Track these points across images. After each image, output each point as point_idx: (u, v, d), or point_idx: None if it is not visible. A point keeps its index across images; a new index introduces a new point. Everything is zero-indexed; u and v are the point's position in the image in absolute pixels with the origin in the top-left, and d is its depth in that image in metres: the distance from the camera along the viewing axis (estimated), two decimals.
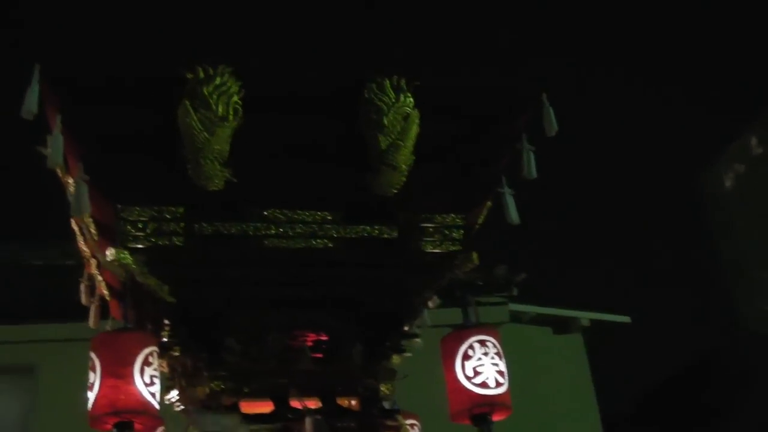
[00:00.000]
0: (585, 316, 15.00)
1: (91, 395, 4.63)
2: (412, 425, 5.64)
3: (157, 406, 4.73)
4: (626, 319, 15.61)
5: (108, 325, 6.53)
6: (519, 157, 5.04)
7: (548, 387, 13.88)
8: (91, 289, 6.44)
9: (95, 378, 4.62)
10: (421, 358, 5.73)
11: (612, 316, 15.48)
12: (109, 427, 4.61)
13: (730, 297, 29.37)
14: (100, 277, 6.05)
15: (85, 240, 5.96)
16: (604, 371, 15.77)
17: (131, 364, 4.55)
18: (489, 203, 5.27)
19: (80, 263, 7.08)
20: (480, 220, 5.36)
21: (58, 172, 5.25)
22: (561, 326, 14.75)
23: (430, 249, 5.14)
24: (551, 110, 4.91)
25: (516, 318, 14.11)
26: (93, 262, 6.00)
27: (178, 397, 5.43)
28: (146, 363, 4.61)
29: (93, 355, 4.69)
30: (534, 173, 4.94)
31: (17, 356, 12.26)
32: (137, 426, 4.60)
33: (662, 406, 20.93)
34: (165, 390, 5.30)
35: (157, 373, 4.73)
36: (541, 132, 5.00)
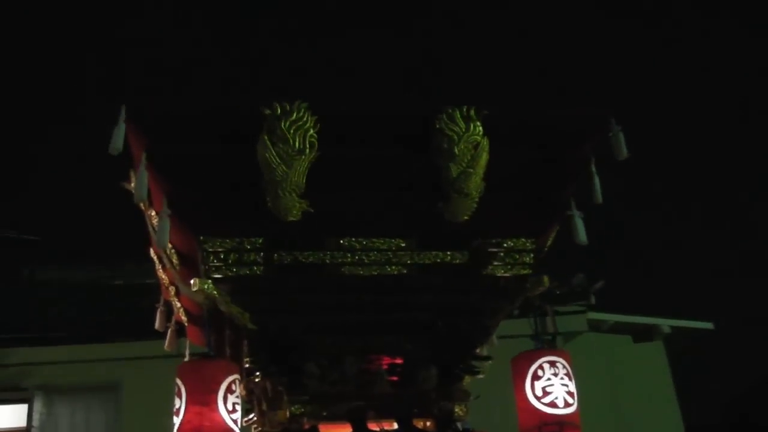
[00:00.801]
0: (666, 323, 14.66)
1: (177, 420, 4.81)
2: None
3: (238, 431, 4.93)
4: (709, 325, 15.21)
5: (186, 349, 6.83)
6: (587, 179, 5.15)
7: (629, 396, 13.64)
8: (167, 314, 6.72)
9: (181, 404, 4.80)
10: (492, 375, 5.85)
11: (694, 323, 15.12)
12: None
13: None
14: (178, 304, 6.33)
15: (163, 268, 6.19)
16: (687, 380, 15.36)
17: (215, 391, 4.73)
18: (557, 226, 5.39)
19: (158, 284, 7.37)
20: (549, 242, 5.46)
21: (142, 206, 5.51)
22: (641, 334, 14.42)
23: (501, 273, 5.26)
24: (621, 134, 5.02)
25: (595, 327, 13.85)
26: (171, 289, 6.25)
27: (255, 421, 5.58)
28: (229, 390, 4.80)
29: (179, 382, 4.87)
30: (600, 198, 5.03)
31: (103, 374, 12.69)
32: None
33: (748, 415, 20.34)
34: (243, 413, 5.50)
35: (238, 400, 4.92)
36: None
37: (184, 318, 6.42)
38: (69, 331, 13.10)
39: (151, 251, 6.40)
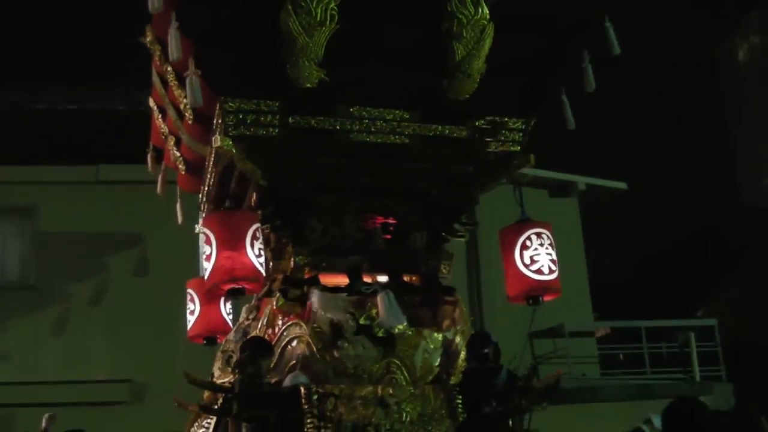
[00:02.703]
0: (582, 180, 14.77)
1: (208, 265, 5.20)
2: None
3: (264, 273, 5.34)
4: (623, 185, 15.42)
5: (177, 194, 7.21)
6: (578, 67, 5.50)
7: None
8: (157, 159, 7.08)
9: (212, 250, 5.17)
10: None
11: (609, 182, 15.29)
12: (223, 292, 5.28)
13: (735, 170, 29.12)
14: (177, 153, 6.62)
15: (164, 118, 6.49)
16: (597, 238, 15.66)
17: (243, 238, 5.12)
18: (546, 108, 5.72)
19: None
20: (533, 123, 5.77)
21: (157, 60, 5.79)
22: (558, 190, 14.45)
23: (492, 148, 5.66)
24: (611, 29, 5.32)
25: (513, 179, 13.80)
26: (171, 138, 6.57)
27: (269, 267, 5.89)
28: (254, 237, 5.20)
29: (207, 231, 5.25)
30: (593, 86, 5.40)
31: (19, 197, 12.09)
32: (248, 289, 5.25)
33: (655, 276, 20.87)
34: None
35: (262, 246, 5.30)
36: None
37: (181, 167, 6.70)
38: None
39: (150, 100, 6.69)
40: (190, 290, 6.82)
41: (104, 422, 10.11)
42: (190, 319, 6.91)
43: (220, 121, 5.36)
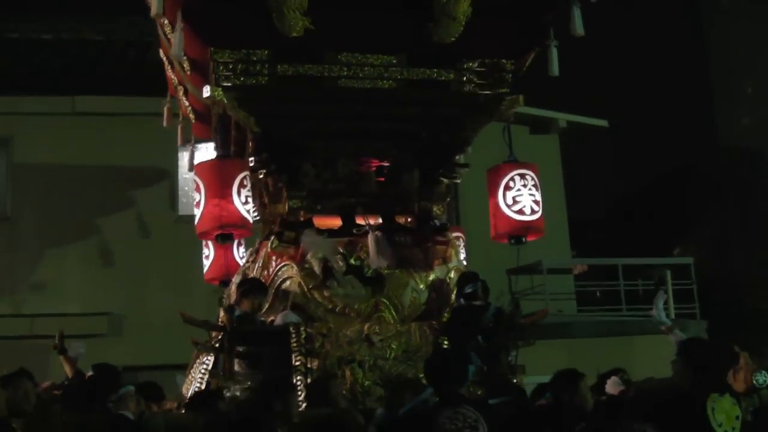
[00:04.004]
0: (563, 117, 14.58)
1: (198, 212, 5.31)
2: (457, 237, 6.45)
3: (251, 220, 5.44)
4: (603, 123, 15.27)
5: (192, 143, 7.28)
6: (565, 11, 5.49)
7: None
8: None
9: (200, 198, 5.28)
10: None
11: (589, 119, 15.14)
12: (212, 237, 5.41)
13: (712, 109, 29.20)
14: (186, 102, 6.70)
15: (172, 69, 6.51)
16: (577, 176, 15.52)
17: (230, 186, 5.22)
18: (535, 50, 5.74)
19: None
20: (526, 65, 5.85)
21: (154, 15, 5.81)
22: (538, 126, 14.25)
23: (481, 91, 5.68)
24: None
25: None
26: (180, 88, 6.62)
27: (256, 211, 6.09)
28: (242, 185, 5.28)
29: (197, 178, 5.35)
30: (581, 30, 5.40)
31: None
32: (237, 234, 5.40)
33: (633, 214, 21.05)
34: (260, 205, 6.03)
35: (250, 193, 5.39)
36: None
37: (191, 115, 6.80)
38: None
39: (161, 52, 6.68)
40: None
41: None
42: (206, 264, 7.18)
43: (211, 71, 5.40)
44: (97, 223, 11.76)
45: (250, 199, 5.37)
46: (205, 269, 7.22)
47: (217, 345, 5.09)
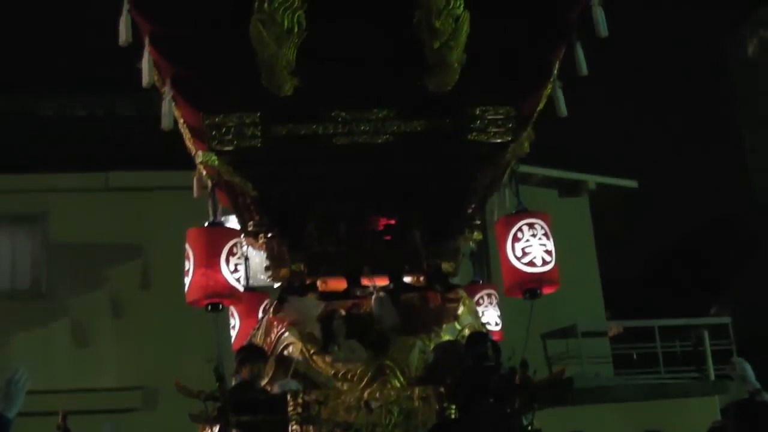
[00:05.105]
0: (592, 179, 14.46)
1: (187, 280, 5.14)
2: (489, 294, 6.14)
3: (241, 288, 5.22)
4: (633, 183, 15.10)
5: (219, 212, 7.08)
6: (569, 52, 5.28)
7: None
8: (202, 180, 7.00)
9: (190, 266, 5.11)
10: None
11: (619, 180, 14.99)
12: (202, 306, 5.19)
13: (745, 164, 28.74)
14: (203, 171, 6.64)
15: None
16: (609, 236, 15.28)
17: (218, 255, 5.08)
18: (547, 91, 5.46)
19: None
20: (539, 108, 5.56)
21: (156, 83, 5.76)
22: (568, 189, 14.17)
23: (483, 139, 5.39)
24: (600, 9, 5.08)
25: (523, 180, 13.43)
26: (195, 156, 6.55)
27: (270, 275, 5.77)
28: (231, 253, 5.11)
29: (188, 247, 5.19)
30: (585, 70, 5.17)
31: (29, 205, 11.93)
32: (226, 304, 5.19)
33: (667, 273, 20.51)
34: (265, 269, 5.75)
35: (241, 261, 5.18)
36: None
37: (209, 181, 6.70)
38: None
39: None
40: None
41: (117, 430, 9.97)
42: (233, 334, 6.78)
43: (206, 136, 5.27)
44: (130, 298, 11.76)
45: (240, 267, 5.20)
46: (233, 339, 6.86)
47: (214, 415, 4.85)
